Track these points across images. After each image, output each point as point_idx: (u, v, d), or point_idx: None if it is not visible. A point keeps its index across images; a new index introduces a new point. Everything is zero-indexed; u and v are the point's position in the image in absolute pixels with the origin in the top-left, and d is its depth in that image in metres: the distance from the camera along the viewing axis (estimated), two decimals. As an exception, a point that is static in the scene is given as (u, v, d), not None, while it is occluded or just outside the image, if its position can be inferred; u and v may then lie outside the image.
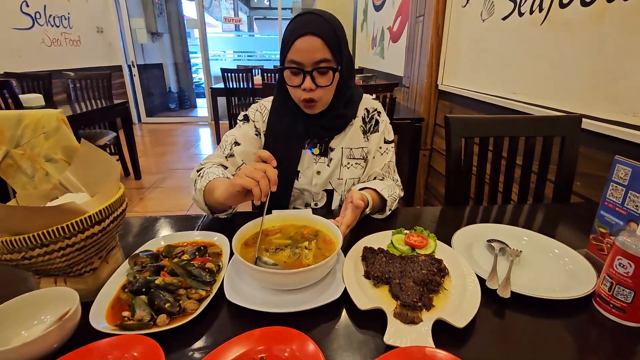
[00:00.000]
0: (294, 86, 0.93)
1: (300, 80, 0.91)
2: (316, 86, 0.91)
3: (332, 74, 0.91)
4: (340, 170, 1.05)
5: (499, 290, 0.62)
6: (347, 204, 0.82)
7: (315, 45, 0.86)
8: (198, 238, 0.79)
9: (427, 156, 2.81)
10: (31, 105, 2.66)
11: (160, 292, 0.58)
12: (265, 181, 0.66)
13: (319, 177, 1.05)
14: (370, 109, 1.08)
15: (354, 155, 1.06)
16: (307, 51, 0.87)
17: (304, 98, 0.93)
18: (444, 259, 0.71)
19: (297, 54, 0.88)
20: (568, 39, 1.31)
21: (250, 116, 1.07)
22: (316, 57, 0.87)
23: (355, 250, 0.74)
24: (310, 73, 0.89)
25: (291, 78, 0.93)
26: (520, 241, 0.81)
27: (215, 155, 1.01)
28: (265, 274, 0.58)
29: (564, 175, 1.10)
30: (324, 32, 0.87)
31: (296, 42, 0.87)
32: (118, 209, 0.62)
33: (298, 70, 0.90)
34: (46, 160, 1.07)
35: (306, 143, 1.05)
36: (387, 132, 1.09)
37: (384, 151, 1.08)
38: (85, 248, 0.56)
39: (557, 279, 0.69)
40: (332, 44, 0.88)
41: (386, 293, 0.63)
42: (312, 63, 0.88)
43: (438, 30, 2.45)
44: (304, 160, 1.05)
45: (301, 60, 0.88)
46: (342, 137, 1.05)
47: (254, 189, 0.66)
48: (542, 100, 1.46)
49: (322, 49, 0.87)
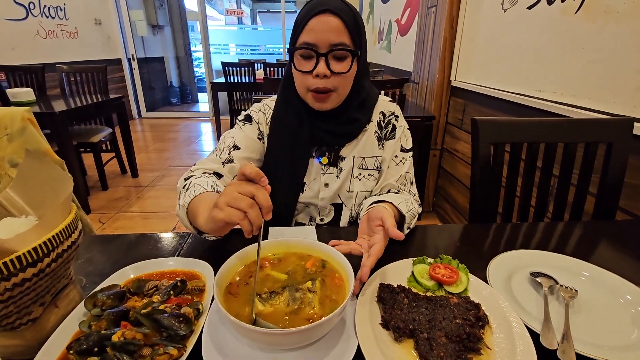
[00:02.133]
0: (304, 72, 0.78)
1: (313, 65, 0.77)
2: (331, 73, 0.77)
3: (351, 60, 0.77)
4: (350, 182, 0.91)
5: (560, 351, 0.48)
6: (374, 227, 0.67)
7: (332, 25, 0.74)
8: (177, 267, 0.65)
9: (437, 156, 2.65)
10: (20, 100, 2.53)
11: (117, 353, 0.44)
12: (254, 211, 0.49)
13: (327, 189, 0.91)
14: (386, 113, 0.94)
15: (366, 165, 0.91)
16: (323, 31, 0.74)
17: (315, 87, 0.78)
18: (481, 302, 0.56)
19: (311, 34, 0.75)
20: (611, 29, 1.15)
21: (253, 116, 0.93)
22: (333, 39, 0.75)
23: (370, 288, 0.60)
24: (325, 55, 0.76)
25: (302, 62, 0.79)
26: (575, 276, 0.66)
27: (210, 160, 0.85)
28: (256, 334, 0.44)
29: (609, 188, 0.94)
30: (343, 12, 0.75)
31: (311, 20, 0.74)
32: (65, 241, 0.47)
33: (311, 52, 0.76)
34: (11, 165, 0.94)
35: (313, 150, 0.91)
36: (404, 139, 0.95)
37: (400, 161, 0.93)
38: (14, 299, 0.42)
39: (626, 330, 0.54)
40: (352, 27, 0.76)
41: (411, 352, 0.49)
42: (328, 45, 0.75)
43: (452, 22, 2.28)
44: (310, 170, 0.91)
45: (315, 41, 0.75)
46: (355, 144, 0.91)
47: (241, 224, 0.50)
48: (576, 100, 1.30)
49: (341, 30, 0.75)
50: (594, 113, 1.21)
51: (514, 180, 0.99)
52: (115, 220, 2.70)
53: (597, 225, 0.92)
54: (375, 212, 0.71)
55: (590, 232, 0.86)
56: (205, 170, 0.81)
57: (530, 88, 1.58)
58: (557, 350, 0.48)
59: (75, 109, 2.58)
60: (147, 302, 0.54)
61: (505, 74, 1.79)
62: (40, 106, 2.55)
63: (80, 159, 3.02)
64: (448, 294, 0.60)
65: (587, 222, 0.92)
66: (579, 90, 1.30)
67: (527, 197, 1.00)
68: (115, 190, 3.21)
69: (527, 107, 1.56)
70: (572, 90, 1.33)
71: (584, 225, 0.89)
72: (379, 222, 0.68)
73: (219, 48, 8.37)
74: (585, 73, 1.26)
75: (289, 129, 0.88)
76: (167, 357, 0.45)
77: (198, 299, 0.57)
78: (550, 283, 0.62)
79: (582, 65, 1.28)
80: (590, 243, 0.81)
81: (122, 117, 3.14)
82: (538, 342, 0.50)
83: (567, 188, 0.99)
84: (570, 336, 0.50)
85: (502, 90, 1.78)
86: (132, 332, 0.47)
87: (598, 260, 0.71)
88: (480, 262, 0.68)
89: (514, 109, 1.68)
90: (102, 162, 3.08)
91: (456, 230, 0.90)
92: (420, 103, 2.75)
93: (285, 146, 0.88)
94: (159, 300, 0.55)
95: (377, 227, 0.67)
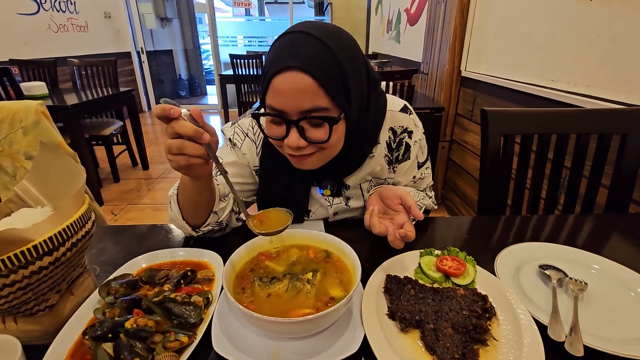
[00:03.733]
0: (275, 139, 0.66)
1: (284, 132, 0.63)
2: (307, 142, 0.63)
3: (330, 126, 0.61)
4: (363, 207, 0.84)
5: (568, 344, 0.48)
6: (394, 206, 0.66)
7: (300, 86, 0.57)
8: (187, 257, 0.67)
9: (446, 148, 2.63)
10: (34, 94, 2.58)
11: (130, 339, 0.46)
12: (189, 146, 0.51)
13: (336, 216, 0.86)
14: (397, 130, 0.80)
15: (376, 184, 0.84)
16: (289, 95, 0.58)
17: (291, 154, 0.67)
18: (488, 294, 0.56)
19: (277, 98, 0.60)
20: (628, 17, 1.11)
21: (237, 144, 0.80)
22: (304, 105, 0.59)
23: (376, 279, 0.60)
24: (296, 124, 0.61)
25: (271, 127, 0.65)
26: (585, 269, 0.65)
27: None
28: (264, 322, 0.45)
29: (622, 180, 0.92)
30: (316, 65, 0.57)
31: (274, 80, 0.59)
32: (80, 231, 0.49)
33: (278, 119, 0.63)
34: (26, 157, 0.96)
35: (314, 181, 0.81)
36: (420, 154, 0.85)
37: (419, 178, 0.87)
38: (32, 286, 0.44)
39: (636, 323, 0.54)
40: (330, 83, 0.58)
41: (417, 343, 0.50)
42: (298, 112, 0.60)
43: (463, 11, 2.23)
44: (314, 198, 0.83)
45: (282, 107, 0.60)
46: (361, 170, 0.80)
47: (190, 162, 0.52)
48: (590, 90, 1.27)
49: (313, 91, 0.58)
50: (609, 103, 1.18)
51: (524, 172, 0.98)
52: (127, 212, 2.75)
53: (609, 217, 0.91)
54: (391, 191, 0.68)
55: (602, 225, 0.85)
56: None
57: (542, 78, 1.54)
58: (565, 342, 0.48)
59: (87, 102, 2.62)
60: (159, 290, 0.56)
61: (516, 64, 1.75)
62: (53, 99, 2.60)
63: (92, 151, 3.08)
64: (455, 285, 0.60)
65: (599, 215, 0.91)
66: (593, 79, 1.26)
67: (537, 189, 0.98)
68: (127, 182, 3.27)
69: (539, 97, 1.53)
70: (587, 79, 1.29)
71: (596, 218, 0.88)
72: (397, 200, 0.65)
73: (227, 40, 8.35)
74: (601, 62, 1.23)
75: (282, 166, 0.76)
76: (178, 344, 0.47)
77: (208, 288, 0.58)
78: (560, 276, 0.61)
79: (597, 54, 1.24)
80: (602, 236, 0.80)
81: (133, 110, 3.18)
82: (546, 334, 0.49)
83: (579, 180, 0.97)
84: (578, 329, 0.50)
85: (513, 80, 1.74)
86: (144, 320, 0.48)
87: (610, 253, 0.70)
88: (489, 255, 0.68)
89: (526, 99, 1.65)
90: (113, 154, 3.13)
91: (465, 223, 0.89)
92: (429, 94, 2.71)
93: (282, 184, 0.79)
94: (170, 289, 0.56)
95: (398, 206, 0.65)
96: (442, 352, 0.46)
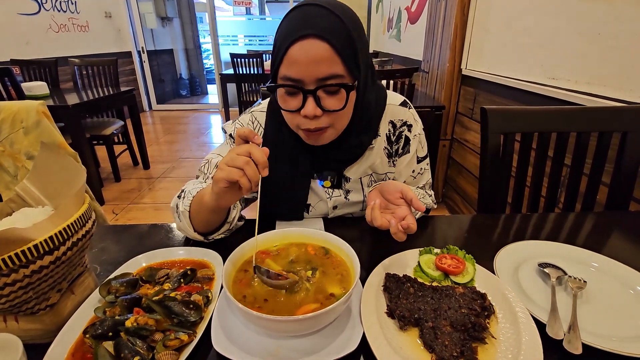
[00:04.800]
0: (290, 111, 0.67)
1: (300, 102, 0.65)
2: (323, 111, 0.65)
3: (347, 93, 0.65)
4: (363, 203, 0.85)
5: (566, 342, 0.48)
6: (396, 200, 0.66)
7: (318, 53, 0.60)
8: (187, 256, 0.67)
9: (447, 147, 2.62)
10: (35, 94, 2.58)
11: (130, 338, 0.46)
12: (251, 167, 0.53)
13: (336, 211, 0.86)
14: (397, 123, 0.81)
15: (377, 180, 0.85)
16: (306, 63, 0.60)
17: (306, 127, 0.67)
18: (487, 292, 0.56)
19: (293, 67, 0.62)
20: (629, 14, 1.10)
21: None
22: (321, 72, 0.61)
23: (376, 278, 0.60)
24: (312, 93, 0.63)
25: (286, 100, 0.67)
26: (584, 267, 0.65)
27: (195, 182, 0.78)
28: (263, 321, 0.45)
29: (622, 178, 0.92)
30: (332, 33, 0.60)
31: (291, 49, 0.61)
32: (80, 230, 0.49)
33: (295, 89, 0.64)
34: (27, 157, 0.96)
35: (314, 173, 0.82)
36: (420, 149, 0.85)
37: (418, 173, 0.87)
38: (33, 285, 0.44)
39: (635, 321, 0.54)
40: (344, 51, 0.61)
41: (416, 341, 0.50)
42: (314, 80, 0.62)
43: (463, 9, 2.22)
44: (314, 191, 0.84)
45: (299, 76, 0.62)
46: (361, 162, 0.82)
47: (240, 180, 0.53)
48: (591, 87, 1.27)
49: (330, 58, 0.61)
50: (610, 101, 1.17)
51: (524, 170, 0.98)
52: (128, 211, 2.76)
53: (609, 215, 0.91)
54: (392, 185, 0.67)
55: (602, 223, 0.84)
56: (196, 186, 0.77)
57: (543, 76, 1.54)
58: (563, 340, 0.48)
59: (87, 102, 2.62)
60: (159, 289, 0.56)
61: (517, 62, 1.75)
62: (54, 99, 2.60)
63: (93, 151, 3.09)
64: (454, 284, 0.60)
65: (599, 213, 0.91)
66: (594, 77, 1.26)
67: (537, 187, 0.98)
68: (128, 182, 3.28)
69: (540, 95, 1.53)
70: (587, 77, 1.29)
71: (596, 216, 0.88)
72: (398, 194, 0.65)
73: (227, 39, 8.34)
74: (601, 60, 1.22)
75: (284, 157, 0.78)
76: (178, 342, 0.47)
77: (207, 287, 0.59)
78: (559, 274, 0.62)
79: (597, 51, 1.24)
80: (602, 234, 0.80)
81: (133, 109, 3.19)
82: (544, 332, 0.50)
83: (579, 178, 0.97)
84: (577, 326, 0.50)
85: (514, 78, 1.74)
86: (144, 318, 0.48)
87: (610, 251, 0.70)
88: (488, 253, 0.68)
89: (527, 97, 1.64)
90: (114, 154, 3.14)
91: (464, 221, 0.89)
92: (430, 92, 2.71)
93: (283, 172, 0.79)
94: (170, 287, 0.56)
95: (399, 200, 0.65)
96: (441, 350, 0.47)
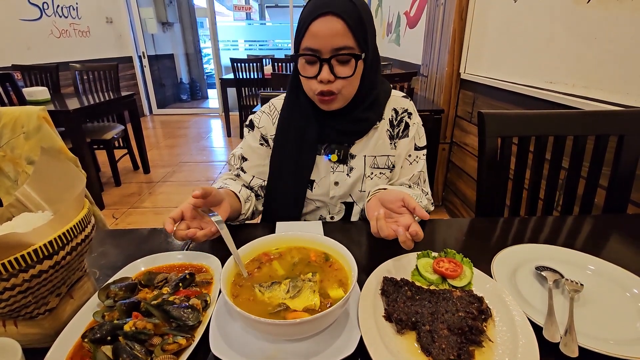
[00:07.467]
0: (308, 77, 0.80)
1: (316, 70, 0.78)
2: (335, 77, 0.77)
3: (355, 62, 0.77)
4: (362, 182, 0.91)
5: (563, 345, 0.48)
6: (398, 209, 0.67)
7: (335, 28, 0.73)
8: (185, 260, 0.67)
9: (446, 150, 2.63)
10: (36, 99, 2.60)
11: (129, 342, 0.46)
12: None
13: (337, 188, 0.91)
14: (399, 110, 0.92)
15: (378, 164, 0.91)
16: (324, 36, 0.74)
17: (320, 91, 0.79)
18: (484, 295, 0.57)
19: (313, 39, 0.75)
20: (625, 18, 1.11)
21: (255, 122, 0.95)
22: (336, 43, 0.74)
23: (373, 281, 0.61)
24: (328, 61, 0.76)
25: (306, 68, 0.80)
26: (581, 270, 0.66)
27: (228, 174, 0.97)
28: (261, 324, 0.45)
29: (620, 181, 0.93)
30: (346, 13, 0.73)
31: (312, 24, 0.74)
32: (79, 235, 0.50)
33: (314, 58, 0.77)
34: (28, 162, 0.97)
35: (322, 148, 0.91)
36: (418, 137, 0.93)
37: (413, 160, 0.92)
38: (32, 289, 0.45)
39: (632, 324, 0.54)
40: (356, 28, 0.74)
41: (413, 344, 0.50)
42: (330, 50, 0.75)
43: (461, 14, 2.24)
44: (319, 167, 0.91)
45: (317, 47, 0.75)
46: (365, 142, 0.90)
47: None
48: (588, 91, 1.27)
49: (344, 33, 0.74)
50: (606, 105, 1.18)
51: (522, 174, 0.98)
52: (128, 216, 2.76)
53: (607, 218, 0.91)
54: (393, 194, 0.68)
55: (600, 226, 0.85)
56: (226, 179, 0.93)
57: (541, 80, 1.55)
58: (560, 343, 0.48)
59: (88, 107, 2.64)
60: (157, 293, 0.56)
61: (515, 66, 1.76)
62: (55, 104, 2.62)
63: (94, 155, 3.09)
64: (452, 287, 0.60)
65: (597, 216, 0.91)
66: (591, 81, 1.27)
67: (535, 191, 0.99)
68: (128, 186, 3.28)
69: (537, 99, 1.54)
70: (584, 81, 1.30)
71: (594, 219, 0.88)
72: (400, 203, 0.66)
73: (227, 44, 8.40)
74: (598, 64, 1.23)
75: (296, 128, 0.88)
76: (176, 346, 0.47)
77: (206, 291, 0.59)
78: (556, 277, 0.62)
79: (594, 55, 1.25)
80: (600, 237, 0.80)
81: (134, 114, 3.20)
82: (541, 335, 0.50)
83: (577, 181, 0.97)
84: (573, 329, 0.50)
85: (512, 82, 1.75)
86: (143, 322, 0.49)
87: (608, 254, 0.70)
88: (486, 256, 0.68)
89: (525, 101, 1.65)
90: (115, 158, 3.14)
91: (462, 224, 0.90)
92: (429, 96, 2.72)
93: (292, 145, 0.89)
94: (168, 292, 0.57)
95: (401, 209, 0.66)
96: (438, 354, 0.47)
